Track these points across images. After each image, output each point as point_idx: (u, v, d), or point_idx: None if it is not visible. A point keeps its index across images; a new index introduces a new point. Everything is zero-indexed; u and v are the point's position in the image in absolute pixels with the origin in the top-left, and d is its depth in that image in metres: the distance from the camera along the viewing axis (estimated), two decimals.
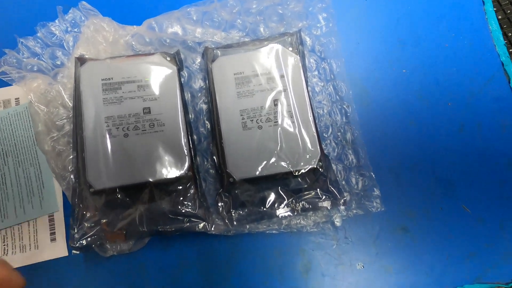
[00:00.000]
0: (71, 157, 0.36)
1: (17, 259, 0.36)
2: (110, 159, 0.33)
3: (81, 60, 0.37)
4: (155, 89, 0.36)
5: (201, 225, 0.34)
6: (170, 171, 0.34)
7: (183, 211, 0.34)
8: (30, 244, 0.37)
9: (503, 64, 0.43)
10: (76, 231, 0.33)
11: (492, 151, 0.41)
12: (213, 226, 0.35)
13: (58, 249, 0.36)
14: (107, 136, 0.34)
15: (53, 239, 0.37)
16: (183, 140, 0.35)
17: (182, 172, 0.34)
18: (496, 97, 0.42)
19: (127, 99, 0.35)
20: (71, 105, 0.37)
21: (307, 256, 0.37)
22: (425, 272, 0.37)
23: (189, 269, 0.36)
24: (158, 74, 0.37)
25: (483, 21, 0.45)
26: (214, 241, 0.37)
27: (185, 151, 0.34)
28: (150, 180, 0.33)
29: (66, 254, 0.36)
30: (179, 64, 0.39)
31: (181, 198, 0.34)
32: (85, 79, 0.36)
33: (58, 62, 0.40)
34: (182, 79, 0.40)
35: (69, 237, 0.34)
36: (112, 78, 0.36)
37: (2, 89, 0.40)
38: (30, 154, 0.39)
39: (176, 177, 0.34)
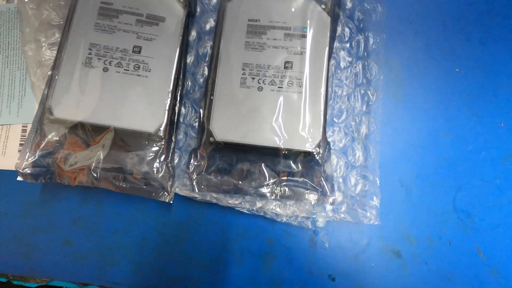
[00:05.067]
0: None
1: None
2: (79, 90, 0.30)
3: None
4: (155, 28, 0.32)
5: (159, 194, 0.31)
6: (139, 124, 0.30)
7: (145, 171, 0.30)
8: None
9: None
10: (26, 156, 0.30)
11: None
12: (174, 191, 0.31)
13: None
14: (80, 64, 0.30)
15: (20, 150, 0.35)
16: (167, 98, 0.30)
17: (153, 129, 0.30)
18: None
19: (121, 31, 0.31)
20: (64, 11, 0.34)
21: (274, 249, 0.32)
22: None
23: (146, 223, 0.33)
24: (163, 12, 0.32)
25: None
26: (179, 202, 0.33)
27: (166, 108, 0.30)
28: (113, 125, 0.30)
29: None
30: (192, 7, 0.34)
31: (148, 158, 0.30)
32: None
33: None
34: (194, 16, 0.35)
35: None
36: (112, 4, 0.32)
37: None
38: (19, 57, 0.36)
39: (144, 132, 0.30)
